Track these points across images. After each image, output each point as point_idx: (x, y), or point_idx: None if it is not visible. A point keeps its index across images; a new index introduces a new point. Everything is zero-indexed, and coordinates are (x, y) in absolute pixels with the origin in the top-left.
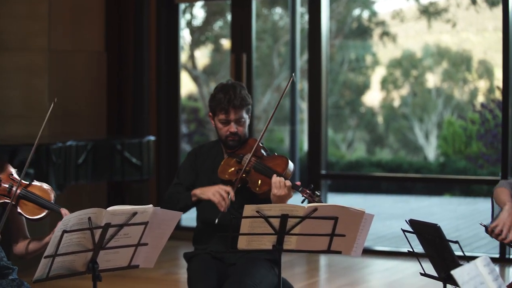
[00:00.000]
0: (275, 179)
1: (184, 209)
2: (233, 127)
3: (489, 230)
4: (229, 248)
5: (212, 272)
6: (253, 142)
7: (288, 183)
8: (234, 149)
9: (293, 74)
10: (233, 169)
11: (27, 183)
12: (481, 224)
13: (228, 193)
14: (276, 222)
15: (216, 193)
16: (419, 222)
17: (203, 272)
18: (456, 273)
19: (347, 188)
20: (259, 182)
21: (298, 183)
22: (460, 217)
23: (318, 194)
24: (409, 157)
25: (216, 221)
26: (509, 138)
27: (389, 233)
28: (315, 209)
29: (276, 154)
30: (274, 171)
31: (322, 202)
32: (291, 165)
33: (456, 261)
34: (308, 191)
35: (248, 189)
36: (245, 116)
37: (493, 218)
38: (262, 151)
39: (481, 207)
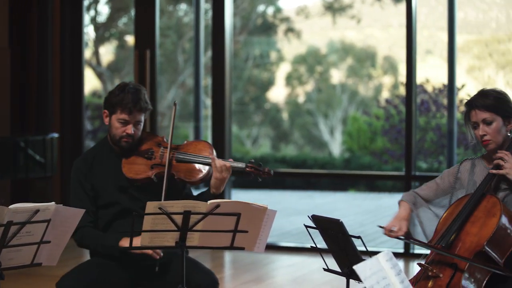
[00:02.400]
0: (219, 163)
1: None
2: (130, 129)
3: (386, 229)
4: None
5: (96, 269)
6: (151, 136)
7: (229, 164)
8: (126, 150)
9: (175, 102)
10: (145, 167)
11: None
12: (379, 226)
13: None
14: (178, 218)
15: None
16: (322, 218)
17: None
18: (358, 268)
19: (252, 184)
20: (189, 172)
21: (230, 160)
22: (364, 212)
23: (261, 165)
24: (314, 153)
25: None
26: (413, 134)
27: (294, 229)
28: (218, 206)
29: (186, 141)
30: (204, 157)
31: (270, 171)
32: (209, 144)
33: (359, 256)
34: (254, 167)
35: (175, 181)
36: (143, 120)
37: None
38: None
39: (385, 202)
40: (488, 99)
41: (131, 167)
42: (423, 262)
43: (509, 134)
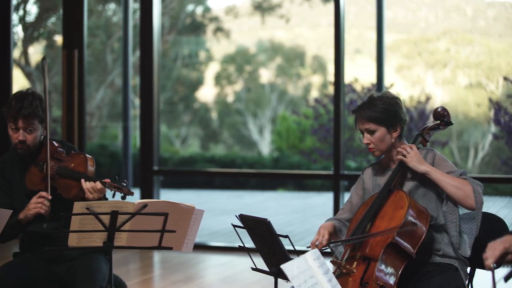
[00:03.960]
0: (87, 185)
1: (20, 232)
2: (21, 135)
3: (312, 244)
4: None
5: (20, 269)
6: (49, 146)
7: (99, 185)
8: (23, 157)
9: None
10: (38, 179)
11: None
12: (307, 247)
13: (44, 197)
14: (106, 219)
15: (36, 205)
16: (250, 217)
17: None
18: (285, 267)
19: (181, 184)
20: (67, 187)
21: (107, 180)
22: (293, 211)
23: (125, 184)
24: (243, 152)
25: (45, 225)
26: (341, 133)
27: (223, 229)
28: (145, 205)
29: (73, 151)
30: (78, 173)
31: (130, 190)
32: (90, 160)
33: (287, 256)
34: (115, 185)
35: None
36: (38, 125)
37: None
38: (60, 149)
39: (314, 201)
40: (372, 111)
41: (30, 178)
42: (337, 260)
43: (393, 140)
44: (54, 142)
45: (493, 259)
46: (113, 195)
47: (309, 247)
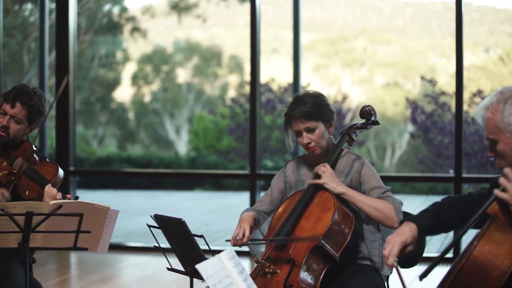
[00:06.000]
0: (49, 189)
1: None
2: (5, 121)
3: (232, 239)
4: None
5: None
6: (27, 146)
7: (59, 196)
8: (3, 146)
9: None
10: (5, 171)
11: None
12: (226, 240)
13: (3, 195)
14: (21, 219)
15: None
16: (165, 217)
17: None
18: (200, 267)
19: (98, 184)
20: (29, 188)
21: (68, 196)
22: (210, 211)
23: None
24: (160, 152)
25: None
26: (257, 132)
27: (140, 229)
28: (60, 206)
29: (47, 160)
30: (45, 179)
31: None
32: (60, 172)
33: (202, 255)
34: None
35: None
36: (25, 120)
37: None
38: (35, 155)
39: (231, 201)
40: (306, 106)
41: None
42: (260, 259)
43: (331, 137)
44: (33, 147)
45: (394, 257)
46: None
47: (229, 240)
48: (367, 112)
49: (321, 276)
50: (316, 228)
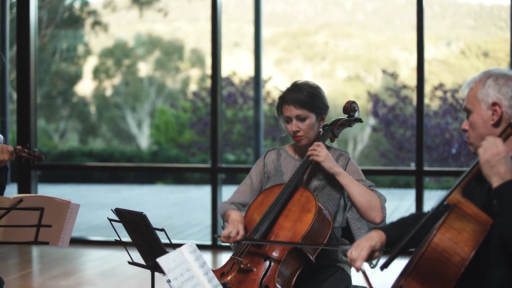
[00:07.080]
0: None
1: None
2: None
3: (222, 236)
4: None
5: None
6: None
7: (10, 148)
8: None
9: None
10: None
11: None
12: (216, 236)
13: None
14: None
15: None
16: (125, 211)
17: None
18: (161, 260)
19: (60, 178)
20: None
21: (18, 146)
22: (172, 205)
23: (36, 150)
24: (122, 146)
25: None
26: (218, 126)
27: (102, 223)
28: (21, 200)
29: None
30: None
31: (41, 155)
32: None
33: (163, 249)
34: (26, 150)
35: None
36: None
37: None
38: None
39: (193, 195)
40: (301, 94)
41: None
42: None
43: (320, 130)
44: None
45: (362, 260)
46: (23, 162)
47: (218, 236)
48: (351, 108)
49: (295, 277)
50: (295, 228)
